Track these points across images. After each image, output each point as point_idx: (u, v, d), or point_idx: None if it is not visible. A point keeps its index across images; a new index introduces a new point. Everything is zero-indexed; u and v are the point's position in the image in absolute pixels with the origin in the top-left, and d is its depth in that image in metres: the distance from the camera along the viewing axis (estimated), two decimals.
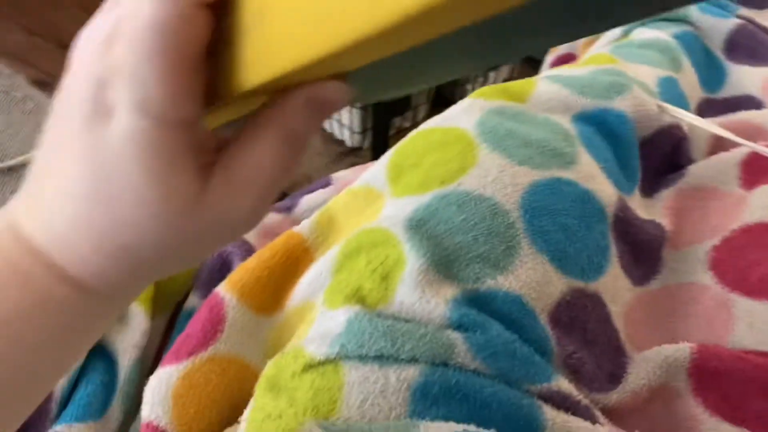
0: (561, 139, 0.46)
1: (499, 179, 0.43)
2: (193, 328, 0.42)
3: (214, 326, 0.42)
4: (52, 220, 0.21)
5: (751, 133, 0.52)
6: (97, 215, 0.21)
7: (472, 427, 0.33)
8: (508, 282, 0.39)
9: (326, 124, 1.42)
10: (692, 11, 0.66)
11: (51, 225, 0.21)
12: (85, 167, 0.20)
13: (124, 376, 0.45)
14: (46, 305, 0.22)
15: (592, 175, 0.45)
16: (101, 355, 0.46)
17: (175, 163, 0.20)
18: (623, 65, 0.57)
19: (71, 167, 0.21)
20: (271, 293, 0.45)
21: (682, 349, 0.39)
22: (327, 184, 0.59)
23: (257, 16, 0.18)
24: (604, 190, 0.45)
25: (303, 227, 0.48)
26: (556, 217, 0.41)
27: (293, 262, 0.46)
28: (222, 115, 0.24)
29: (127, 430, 0.45)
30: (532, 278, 0.40)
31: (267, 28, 0.17)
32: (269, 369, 0.38)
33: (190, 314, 0.48)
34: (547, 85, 0.52)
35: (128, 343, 0.46)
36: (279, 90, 0.21)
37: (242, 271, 0.44)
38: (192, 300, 0.49)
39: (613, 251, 0.44)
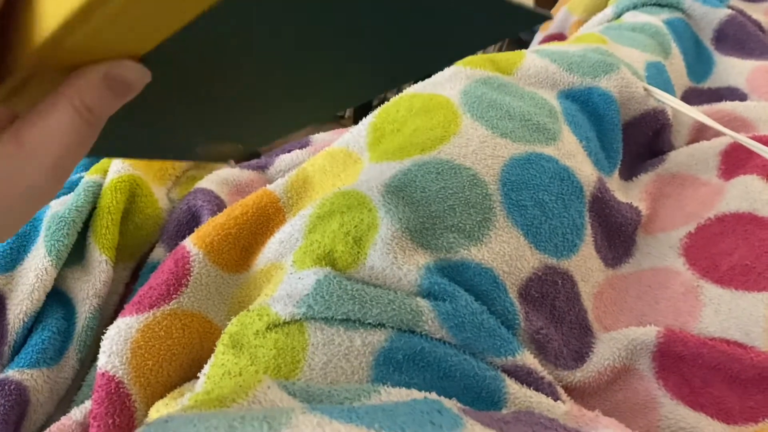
0: (545, 115, 0.46)
1: (480, 150, 0.42)
2: (156, 280, 0.41)
3: (179, 280, 0.41)
4: None
5: (735, 124, 0.52)
6: None
7: (433, 395, 0.33)
8: (481, 254, 0.39)
9: None
10: None
11: None
12: None
13: (82, 324, 0.44)
14: None
15: (573, 153, 0.45)
16: (59, 300, 0.44)
17: None
18: (613, 46, 0.56)
19: None
20: (240, 251, 0.44)
21: (648, 332, 0.39)
22: (305, 145, 0.58)
23: None
24: (584, 169, 0.44)
25: (277, 186, 0.47)
26: (533, 193, 0.41)
27: (264, 221, 0.45)
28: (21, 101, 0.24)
29: (83, 379, 0.44)
30: (505, 251, 0.39)
31: None
32: (232, 326, 0.37)
33: (154, 266, 0.46)
34: (536, 59, 0.51)
35: (89, 292, 0.44)
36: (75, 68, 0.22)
37: (211, 226, 0.43)
38: (158, 252, 0.47)
39: (588, 231, 0.44)
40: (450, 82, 0.48)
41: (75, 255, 0.45)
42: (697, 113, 0.43)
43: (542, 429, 0.31)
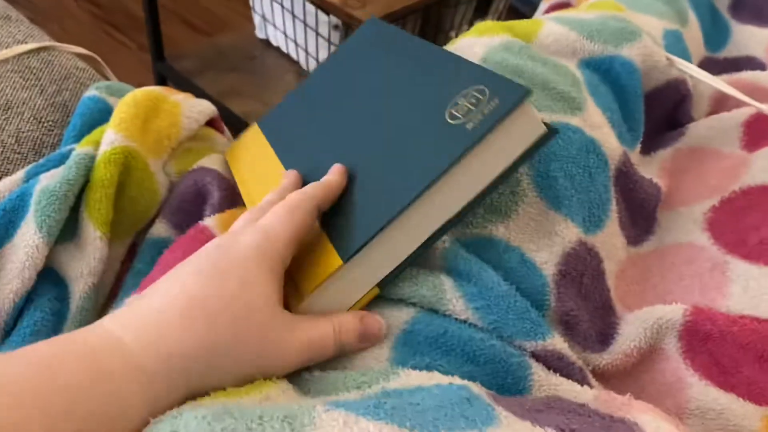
0: (569, 83, 0.43)
1: None
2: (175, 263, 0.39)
3: None
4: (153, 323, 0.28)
5: (756, 94, 0.50)
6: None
7: (456, 379, 0.31)
8: (509, 230, 0.37)
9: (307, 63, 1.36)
10: None
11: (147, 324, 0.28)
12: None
13: (76, 304, 0.41)
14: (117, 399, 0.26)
15: (599, 124, 0.42)
16: (51, 279, 0.41)
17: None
18: (629, 14, 0.54)
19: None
20: None
21: (675, 310, 0.38)
22: None
23: None
24: (610, 141, 0.42)
25: None
26: (562, 164, 0.39)
27: None
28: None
29: None
30: (533, 227, 0.37)
31: None
32: None
33: (155, 242, 0.44)
34: (554, 26, 0.48)
35: (83, 270, 0.41)
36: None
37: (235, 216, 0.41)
38: (159, 228, 0.44)
39: (613, 206, 0.42)
40: (469, 49, 0.46)
41: (67, 232, 0.42)
42: (723, 84, 0.41)
43: (575, 416, 0.30)
